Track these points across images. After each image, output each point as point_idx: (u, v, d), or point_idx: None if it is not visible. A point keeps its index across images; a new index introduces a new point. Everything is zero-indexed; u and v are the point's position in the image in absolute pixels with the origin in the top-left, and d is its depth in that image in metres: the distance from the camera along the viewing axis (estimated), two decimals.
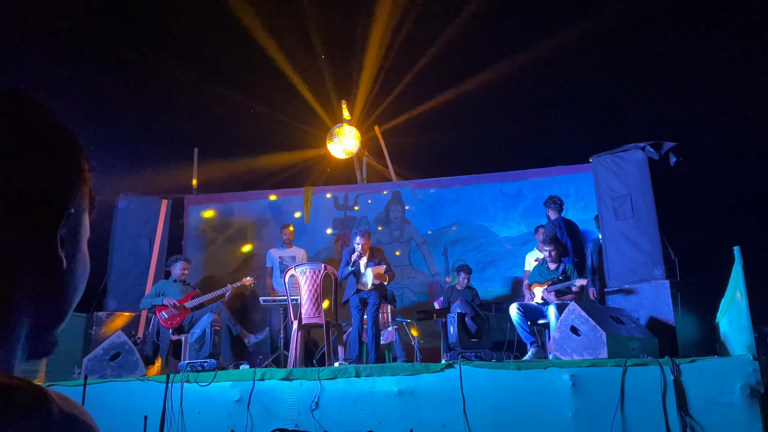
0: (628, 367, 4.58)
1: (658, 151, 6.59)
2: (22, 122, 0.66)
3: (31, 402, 0.53)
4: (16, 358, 0.62)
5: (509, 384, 4.77)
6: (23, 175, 0.63)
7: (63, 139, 0.69)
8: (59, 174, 0.67)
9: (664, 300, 5.99)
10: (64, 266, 0.66)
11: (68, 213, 0.66)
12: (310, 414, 4.93)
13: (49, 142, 0.67)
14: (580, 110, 8.71)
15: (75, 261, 0.69)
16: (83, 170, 0.71)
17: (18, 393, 0.53)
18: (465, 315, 6.61)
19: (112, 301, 7.55)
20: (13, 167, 0.63)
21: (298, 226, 8.52)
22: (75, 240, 0.70)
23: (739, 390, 4.28)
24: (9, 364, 0.61)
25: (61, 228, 0.66)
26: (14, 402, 0.52)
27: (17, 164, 0.63)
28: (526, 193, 8.42)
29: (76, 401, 0.59)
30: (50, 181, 0.66)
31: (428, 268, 8.55)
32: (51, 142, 0.67)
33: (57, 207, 0.66)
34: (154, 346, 6.65)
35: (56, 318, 0.68)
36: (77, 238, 0.70)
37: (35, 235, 0.64)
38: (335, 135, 9.14)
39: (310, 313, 6.05)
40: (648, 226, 6.44)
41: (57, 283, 0.66)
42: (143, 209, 8.08)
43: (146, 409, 4.77)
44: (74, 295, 0.69)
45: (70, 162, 0.69)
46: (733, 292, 4.80)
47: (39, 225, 0.64)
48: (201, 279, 8.59)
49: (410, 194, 8.87)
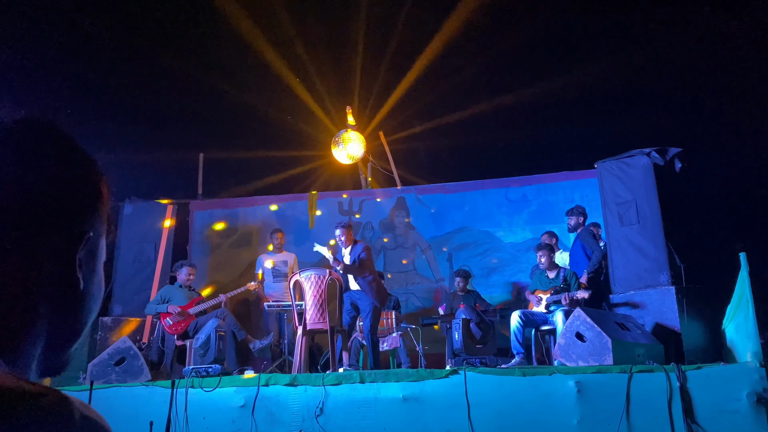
0: (633, 374, 4.56)
1: (663, 157, 6.57)
2: (47, 149, 0.70)
3: (54, 407, 0.55)
4: (30, 376, 0.65)
5: (514, 390, 4.75)
6: (47, 199, 0.67)
7: (85, 166, 0.73)
8: (80, 199, 0.71)
9: (669, 306, 5.97)
10: (81, 287, 0.70)
11: (87, 237, 0.70)
12: (314, 420, 4.92)
13: (72, 169, 0.71)
14: (585, 116, 8.70)
15: (91, 282, 0.72)
16: (103, 196, 0.74)
17: (42, 398, 0.55)
18: (470, 321, 6.60)
19: (117, 306, 7.57)
20: (38, 191, 0.67)
21: (302, 231, 8.52)
22: (92, 262, 0.73)
23: (746, 397, 4.26)
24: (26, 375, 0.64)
25: (80, 250, 0.69)
26: (39, 407, 0.54)
27: (42, 188, 0.67)
28: (531, 199, 8.41)
29: (94, 409, 0.62)
30: (72, 206, 0.70)
31: (433, 273, 8.54)
32: (74, 168, 0.71)
33: (77, 230, 0.69)
34: (159, 352, 6.65)
35: (70, 337, 0.71)
36: (94, 261, 0.74)
37: (55, 256, 0.67)
38: (340, 141, 9.16)
39: (314, 319, 6.05)
40: (653, 232, 6.42)
41: (73, 304, 0.70)
42: (148, 214, 8.10)
43: (151, 414, 4.77)
44: (89, 316, 0.73)
45: (91, 188, 0.73)
46: (740, 298, 4.78)
47: (59, 247, 0.68)
48: (206, 284, 8.60)
49: (415, 200, 8.87)
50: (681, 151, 6.59)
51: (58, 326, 0.68)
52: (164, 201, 8.29)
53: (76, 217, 0.70)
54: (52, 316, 0.67)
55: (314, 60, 9.73)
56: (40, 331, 0.66)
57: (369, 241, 8.77)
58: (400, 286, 8.37)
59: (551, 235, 7.44)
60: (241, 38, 9.25)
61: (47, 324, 0.67)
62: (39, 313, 0.66)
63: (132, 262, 7.85)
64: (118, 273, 7.74)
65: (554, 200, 8.24)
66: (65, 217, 0.69)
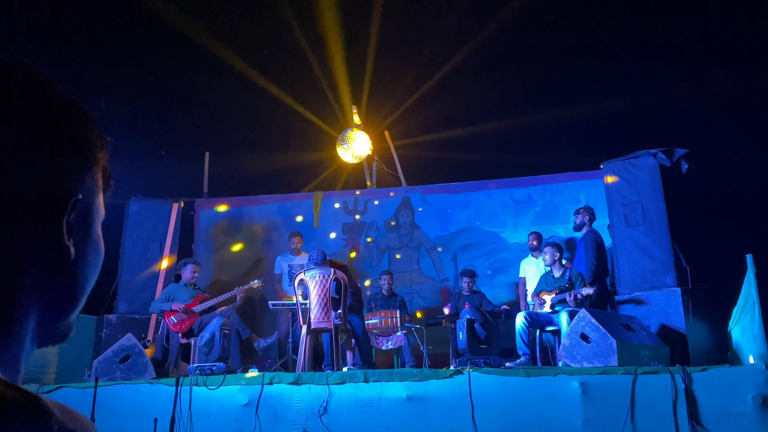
0: (638, 375, 4.54)
1: (669, 158, 6.55)
2: (18, 99, 0.58)
3: (26, 418, 0.47)
4: (24, 350, 0.58)
5: (518, 391, 4.74)
6: (20, 162, 0.57)
7: (68, 117, 0.62)
8: (63, 157, 0.60)
9: (675, 308, 5.95)
10: (72, 255, 0.61)
11: (75, 200, 0.60)
12: (318, 419, 4.93)
13: (51, 122, 0.60)
14: (591, 116, 8.67)
15: (86, 247, 0.64)
16: (93, 149, 0.64)
17: (13, 407, 0.47)
18: (474, 321, 6.58)
19: (123, 304, 7.59)
20: (8, 152, 0.57)
21: (307, 230, 8.53)
22: (85, 225, 0.64)
23: (752, 400, 4.24)
24: (17, 356, 0.58)
25: (67, 215, 0.60)
26: (7, 417, 0.46)
27: (13, 149, 0.57)
28: (536, 199, 8.39)
29: (80, 414, 0.54)
30: (52, 166, 0.59)
31: (437, 273, 8.54)
32: (53, 121, 0.60)
33: (62, 194, 0.59)
34: (164, 350, 6.67)
35: (68, 307, 0.63)
36: (88, 223, 0.64)
37: (38, 225, 0.58)
38: (345, 140, 9.16)
39: (319, 318, 6.05)
40: (659, 234, 6.40)
41: (65, 273, 0.61)
42: (154, 212, 8.13)
43: (155, 411, 4.78)
44: (86, 283, 0.65)
45: (77, 142, 0.62)
46: (746, 300, 4.75)
47: (41, 215, 0.58)
48: (211, 282, 8.62)
49: (420, 199, 8.87)
50: (687, 152, 6.57)
51: (52, 297, 0.60)
52: (170, 199, 8.31)
53: (59, 178, 0.60)
54: (44, 288, 0.59)
55: (320, 60, 9.73)
56: (31, 305, 0.58)
57: (374, 240, 8.78)
58: (405, 285, 8.36)
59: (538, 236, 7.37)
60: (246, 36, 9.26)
61: (39, 297, 0.59)
62: (26, 288, 0.57)
63: (137, 260, 7.88)
64: (124, 270, 7.77)
65: (560, 201, 8.21)
66: (45, 181, 0.58)
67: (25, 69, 0.60)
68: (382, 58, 9.63)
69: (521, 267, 7.53)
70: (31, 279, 0.58)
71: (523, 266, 7.49)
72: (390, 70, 9.71)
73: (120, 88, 8.89)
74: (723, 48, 7.98)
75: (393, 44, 9.55)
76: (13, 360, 0.57)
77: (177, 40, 9.01)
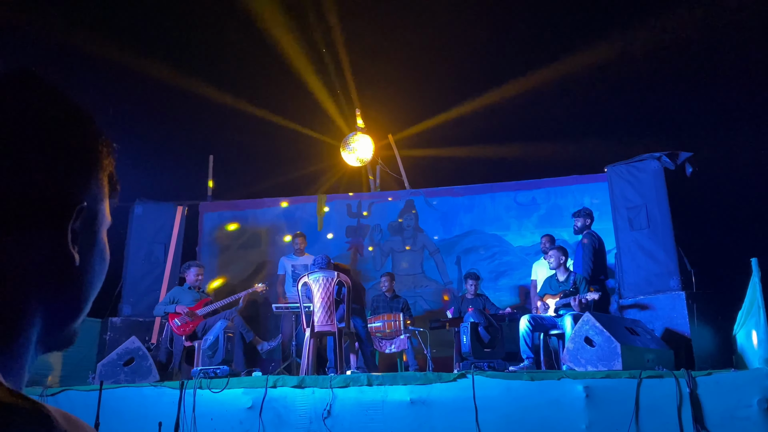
0: (642, 379, 4.53)
1: (674, 161, 6.54)
2: (24, 106, 0.59)
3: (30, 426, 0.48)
4: (29, 356, 0.59)
5: (522, 395, 4.73)
6: (26, 168, 0.57)
7: (74, 124, 0.62)
8: (69, 164, 0.61)
9: (679, 311, 5.93)
10: (77, 262, 0.61)
11: (80, 207, 0.60)
12: (321, 422, 4.93)
13: (57, 129, 0.60)
14: (595, 120, 8.67)
15: (91, 255, 0.64)
16: (100, 156, 0.65)
17: (17, 415, 0.47)
18: (478, 324, 6.57)
19: (127, 307, 7.60)
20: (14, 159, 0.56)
21: (311, 233, 8.53)
22: (91, 232, 0.64)
23: (757, 404, 4.22)
24: (22, 363, 0.58)
25: (72, 222, 0.60)
26: (11, 425, 0.47)
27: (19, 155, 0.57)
28: (540, 203, 8.38)
29: (83, 422, 0.54)
30: (58, 173, 0.59)
31: (441, 276, 8.53)
32: (60, 128, 0.60)
33: (67, 201, 0.60)
34: (168, 352, 6.68)
35: (72, 314, 0.63)
36: (93, 230, 0.64)
37: (43, 233, 0.58)
38: (349, 143, 9.17)
39: (322, 321, 6.05)
40: (663, 237, 6.39)
41: (70, 280, 0.61)
42: (159, 215, 8.14)
43: (159, 414, 4.79)
44: (91, 290, 0.65)
45: (83, 149, 0.62)
46: (751, 303, 4.74)
47: (46, 222, 0.58)
48: (214, 285, 8.63)
49: (423, 202, 8.87)
50: (692, 155, 6.55)
51: (56, 305, 0.60)
52: (174, 202, 8.32)
53: (64, 185, 0.60)
54: (48, 296, 0.59)
55: (324, 62, 9.75)
56: (36, 312, 0.58)
57: (377, 243, 8.78)
58: (408, 288, 8.36)
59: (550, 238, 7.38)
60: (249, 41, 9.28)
61: (44, 304, 0.59)
62: (31, 295, 0.58)
63: (142, 263, 7.89)
64: (128, 273, 7.78)
65: (564, 204, 8.20)
66: (50, 186, 0.58)
67: (31, 76, 0.61)
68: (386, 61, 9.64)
69: (533, 269, 7.52)
70: (36, 286, 0.58)
71: (535, 268, 7.47)
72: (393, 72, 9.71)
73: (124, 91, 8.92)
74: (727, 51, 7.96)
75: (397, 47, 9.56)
76: (17, 367, 0.57)
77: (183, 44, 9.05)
